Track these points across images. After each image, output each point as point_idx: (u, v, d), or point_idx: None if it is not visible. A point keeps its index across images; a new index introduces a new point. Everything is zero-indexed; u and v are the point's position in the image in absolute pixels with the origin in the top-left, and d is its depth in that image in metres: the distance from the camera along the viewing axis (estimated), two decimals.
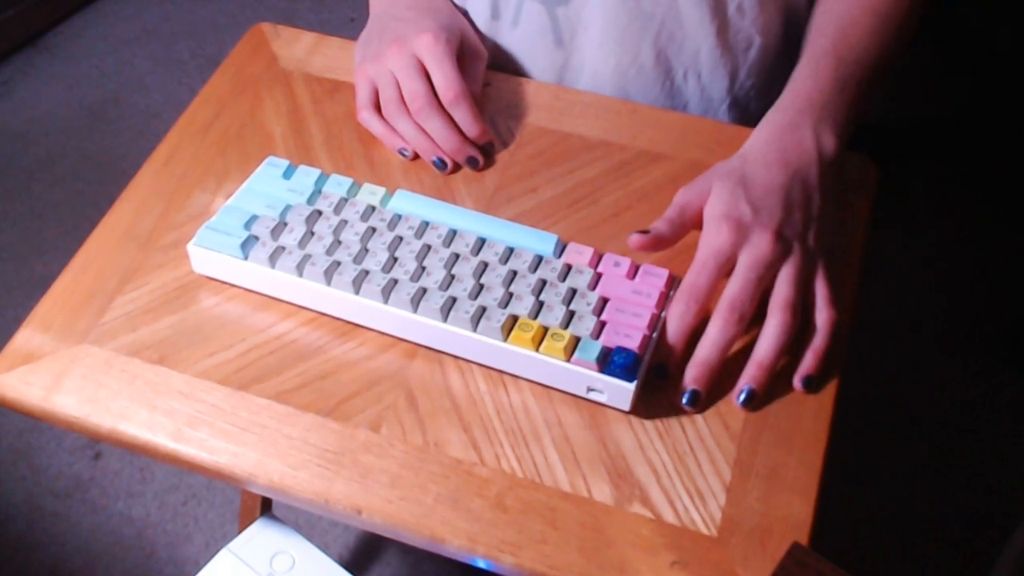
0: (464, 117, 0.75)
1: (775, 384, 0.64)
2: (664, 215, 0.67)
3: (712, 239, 0.64)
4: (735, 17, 0.81)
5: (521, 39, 0.86)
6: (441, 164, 0.75)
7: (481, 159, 0.75)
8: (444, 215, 0.69)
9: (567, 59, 0.85)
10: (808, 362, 0.64)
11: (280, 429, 0.62)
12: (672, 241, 0.67)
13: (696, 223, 0.67)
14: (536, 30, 0.84)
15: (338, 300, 0.65)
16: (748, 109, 0.88)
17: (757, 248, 0.63)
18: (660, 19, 0.81)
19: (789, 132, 0.68)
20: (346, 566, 0.99)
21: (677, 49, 0.82)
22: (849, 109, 0.70)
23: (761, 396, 0.63)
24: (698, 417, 0.62)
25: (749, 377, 0.63)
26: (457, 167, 0.76)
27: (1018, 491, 1.46)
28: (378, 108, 0.76)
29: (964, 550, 1.41)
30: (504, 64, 0.88)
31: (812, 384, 0.63)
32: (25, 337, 0.66)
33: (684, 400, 0.62)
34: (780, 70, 0.83)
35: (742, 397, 0.62)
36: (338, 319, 0.67)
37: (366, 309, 0.65)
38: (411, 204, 0.70)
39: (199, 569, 0.92)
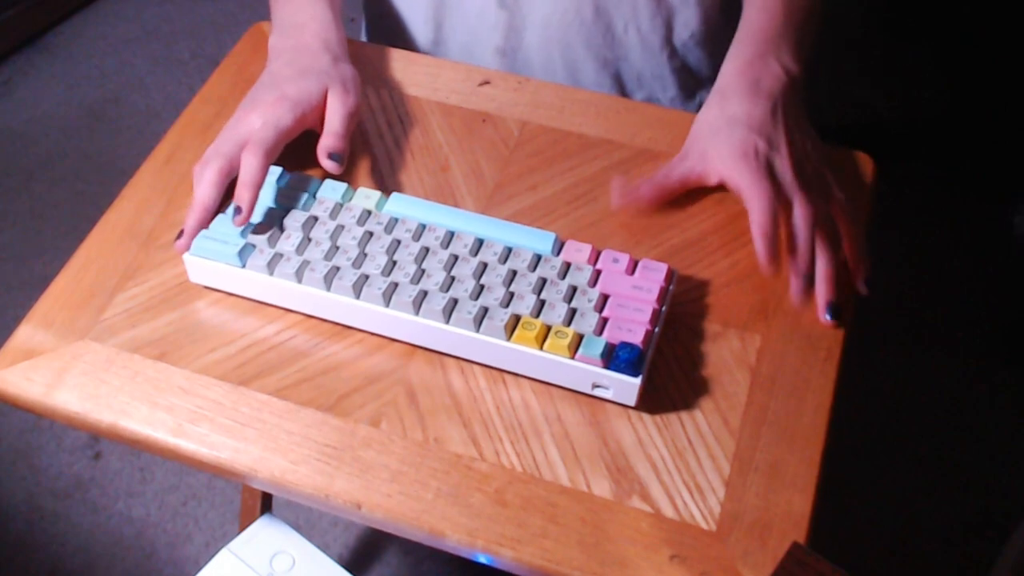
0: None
1: (776, 379, 0.64)
2: (656, 180, 0.72)
3: (751, 180, 0.68)
4: None
5: (467, 1, 0.89)
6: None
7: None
8: (440, 217, 0.69)
9: (511, 17, 0.88)
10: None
11: (281, 425, 0.62)
12: (656, 203, 0.73)
13: (682, 189, 0.73)
14: None
15: (338, 305, 0.65)
16: (687, 59, 0.92)
17: (784, 178, 0.68)
18: None
19: (757, 63, 0.73)
20: (346, 566, 0.99)
21: (616, 2, 0.87)
22: (802, 35, 0.76)
23: (840, 305, 0.67)
24: (697, 412, 0.62)
25: (824, 295, 0.67)
26: None
27: (1018, 491, 1.46)
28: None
29: (964, 550, 1.41)
30: (452, 27, 0.91)
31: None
32: (26, 333, 0.66)
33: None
34: (717, 20, 0.90)
35: (829, 314, 0.66)
36: (338, 324, 0.67)
37: (367, 313, 0.65)
38: (407, 207, 0.69)
39: (199, 569, 0.92)
